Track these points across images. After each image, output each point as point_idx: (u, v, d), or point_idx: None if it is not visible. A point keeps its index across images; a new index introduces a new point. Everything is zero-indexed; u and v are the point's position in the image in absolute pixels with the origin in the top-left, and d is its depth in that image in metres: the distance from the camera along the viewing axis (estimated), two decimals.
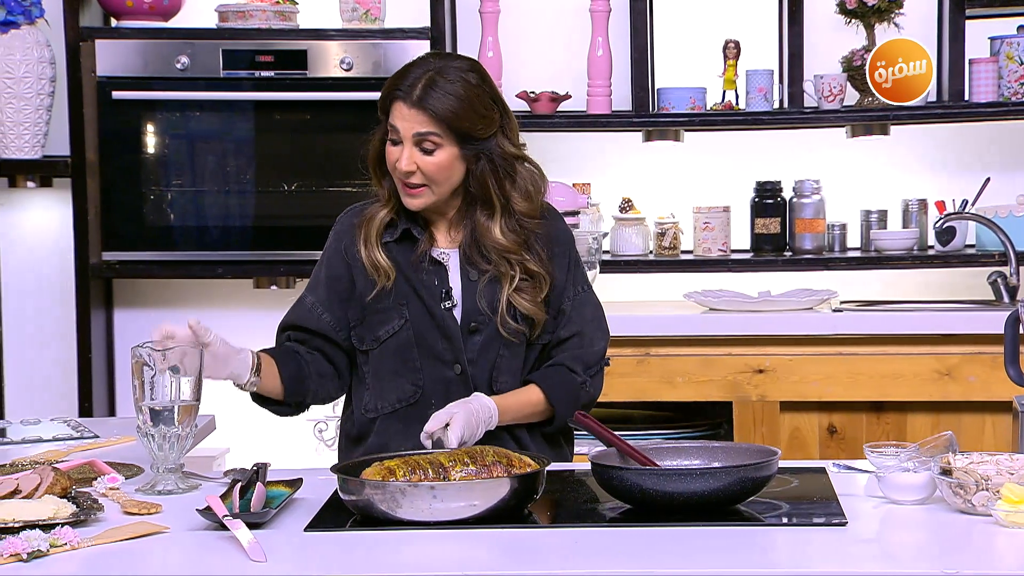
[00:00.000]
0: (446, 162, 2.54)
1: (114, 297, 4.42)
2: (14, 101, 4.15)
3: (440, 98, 2.51)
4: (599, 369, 2.68)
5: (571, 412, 2.58)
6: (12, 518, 2.10)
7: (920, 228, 4.28)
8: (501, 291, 2.59)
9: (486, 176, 2.56)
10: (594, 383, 2.67)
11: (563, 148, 4.36)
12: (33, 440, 2.84)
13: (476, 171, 2.56)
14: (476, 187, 2.57)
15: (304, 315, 2.64)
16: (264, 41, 4.15)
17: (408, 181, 2.55)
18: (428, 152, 2.53)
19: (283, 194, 4.17)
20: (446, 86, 2.52)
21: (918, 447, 2.36)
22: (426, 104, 2.51)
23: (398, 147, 2.55)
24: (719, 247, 4.27)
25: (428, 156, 2.53)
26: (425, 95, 2.51)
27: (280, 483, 2.31)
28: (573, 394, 2.63)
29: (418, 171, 2.54)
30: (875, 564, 2.02)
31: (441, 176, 2.55)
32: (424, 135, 2.52)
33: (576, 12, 4.33)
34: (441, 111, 2.51)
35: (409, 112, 2.52)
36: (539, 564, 2.03)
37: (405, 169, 2.54)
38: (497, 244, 2.58)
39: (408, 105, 2.52)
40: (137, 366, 2.34)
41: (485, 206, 2.58)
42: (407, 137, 2.53)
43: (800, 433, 3.89)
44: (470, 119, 2.53)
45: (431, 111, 2.51)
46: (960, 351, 3.84)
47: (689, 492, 2.17)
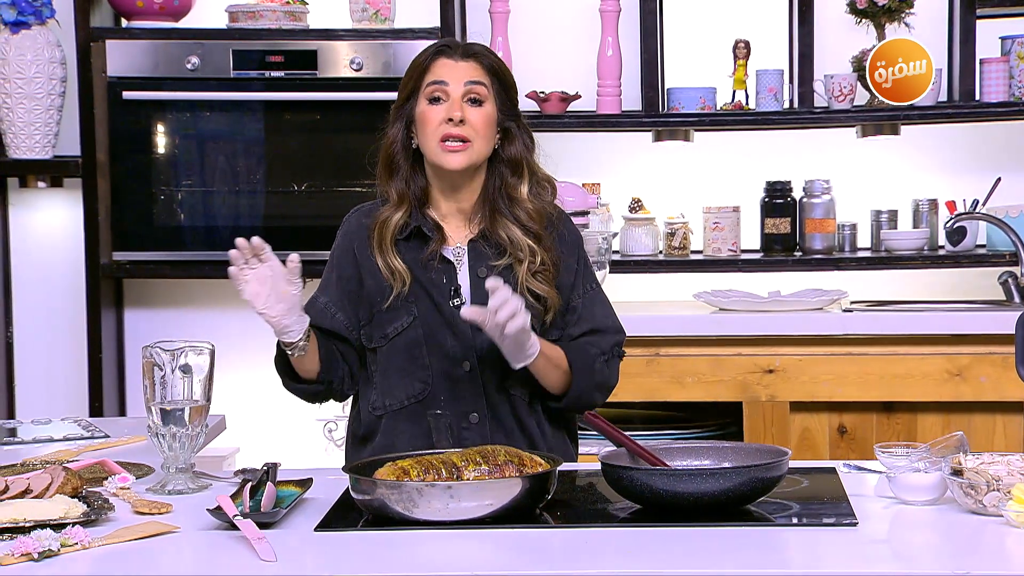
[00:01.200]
0: (491, 116, 2.61)
1: (124, 297, 4.43)
2: (25, 101, 4.16)
3: (486, 52, 2.64)
4: (613, 356, 2.68)
5: (585, 385, 2.60)
6: (23, 517, 2.11)
7: (931, 228, 4.28)
8: (518, 275, 2.60)
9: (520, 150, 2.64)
10: (609, 368, 2.67)
11: (573, 148, 4.36)
12: (44, 440, 2.84)
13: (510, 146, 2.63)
14: (509, 161, 2.63)
15: (318, 315, 2.64)
16: (274, 41, 4.16)
17: (453, 132, 2.57)
18: (477, 103, 2.59)
19: (293, 194, 4.18)
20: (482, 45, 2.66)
21: (929, 447, 2.36)
22: (473, 52, 2.62)
23: (440, 104, 2.59)
24: (729, 247, 4.27)
25: (477, 107, 2.59)
26: (470, 48, 2.63)
27: (290, 483, 2.31)
28: (589, 365, 2.63)
29: (465, 124, 2.57)
30: (886, 565, 2.02)
31: (486, 130, 2.60)
32: (474, 83, 2.59)
33: (586, 12, 4.33)
34: (491, 61, 2.63)
35: (458, 64, 2.60)
36: (550, 564, 2.03)
37: (458, 115, 2.57)
38: (525, 207, 2.61)
39: (457, 57, 2.61)
40: (148, 366, 2.34)
41: (515, 172, 2.64)
42: (457, 87, 2.58)
43: (810, 433, 3.88)
44: (510, 78, 2.65)
45: (481, 60, 2.62)
46: (971, 351, 3.83)
47: (699, 492, 2.17)
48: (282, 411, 4.21)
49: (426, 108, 2.59)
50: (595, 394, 2.65)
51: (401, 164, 2.64)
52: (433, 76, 2.59)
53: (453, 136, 2.57)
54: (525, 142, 2.65)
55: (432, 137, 2.59)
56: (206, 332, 3.89)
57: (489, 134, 2.60)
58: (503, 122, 2.63)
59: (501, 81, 2.62)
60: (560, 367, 2.61)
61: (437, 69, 2.60)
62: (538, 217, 2.62)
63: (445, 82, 2.58)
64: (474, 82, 2.59)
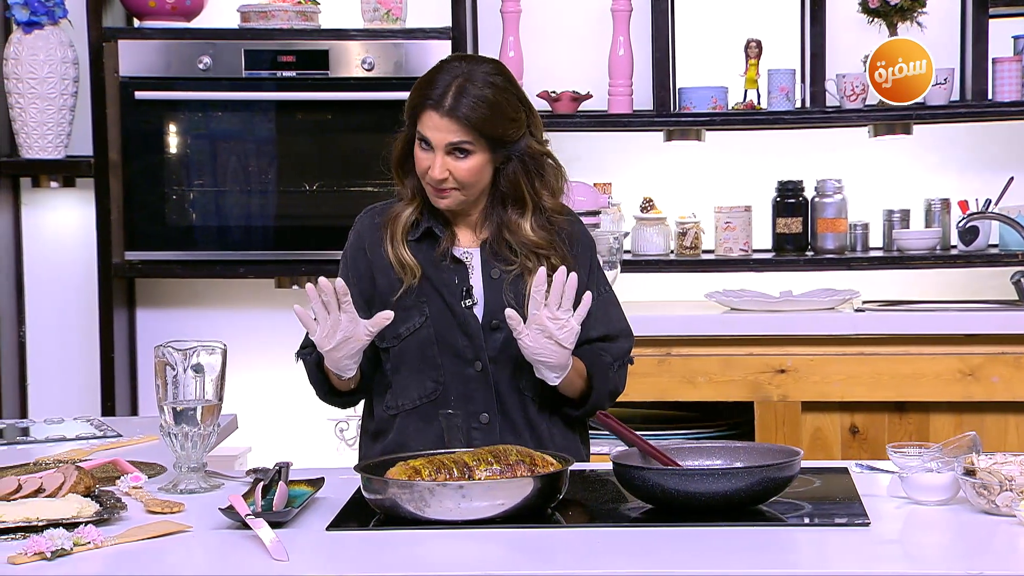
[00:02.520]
0: (477, 167, 2.56)
1: (136, 296, 4.44)
2: (38, 101, 4.17)
3: (472, 106, 2.52)
4: (623, 364, 2.69)
5: (602, 393, 2.61)
6: (36, 517, 2.11)
7: (943, 228, 4.27)
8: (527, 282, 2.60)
9: (518, 176, 2.59)
10: (619, 374, 2.68)
11: (584, 148, 4.36)
12: (56, 439, 2.85)
13: (507, 172, 2.59)
14: (507, 186, 2.59)
15: None
16: (286, 41, 4.16)
17: (437, 187, 2.57)
18: (462, 156, 2.55)
19: (305, 194, 4.18)
20: (476, 92, 2.53)
21: (941, 447, 2.35)
22: (458, 113, 2.52)
23: (428, 154, 2.56)
24: (740, 247, 4.26)
25: (460, 162, 2.55)
26: (456, 104, 2.52)
27: (302, 482, 2.32)
28: (605, 373, 2.63)
29: (450, 177, 2.55)
30: (898, 565, 2.02)
31: (472, 180, 2.57)
32: (457, 144, 2.54)
33: (597, 12, 4.33)
34: (473, 119, 2.52)
35: (441, 122, 2.53)
36: (562, 564, 2.03)
37: (438, 177, 2.55)
38: (528, 241, 2.60)
39: (440, 114, 2.53)
40: (160, 365, 2.34)
41: (516, 204, 2.61)
42: (439, 147, 2.54)
43: (822, 433, 3.88)
44: (501, 124, 2.55)
45: (463, 120, 2.52)
46: (983, 351, 3.82)
47: (711, 492, 2.17)
48: (294, 411, 4.22)
49: (418, 150, 2.58)
50: (606, 401, 2.67)
51: (411, 163, 2.64)
52: (421, 127, 2.55)
53: (439, 189, 2.57)
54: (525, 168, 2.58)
55: (423, 179, 2.59)
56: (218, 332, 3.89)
57: (477, 180, 2.57)
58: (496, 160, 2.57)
59: (488, 133, 2.53)
60: (582, 375, 2.62)
61: (425, 121, 2.54)
62: (546, 245, 2.61)
63: (429, 139, 2.55)
64: (456, 143, 2.53)
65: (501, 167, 2.59)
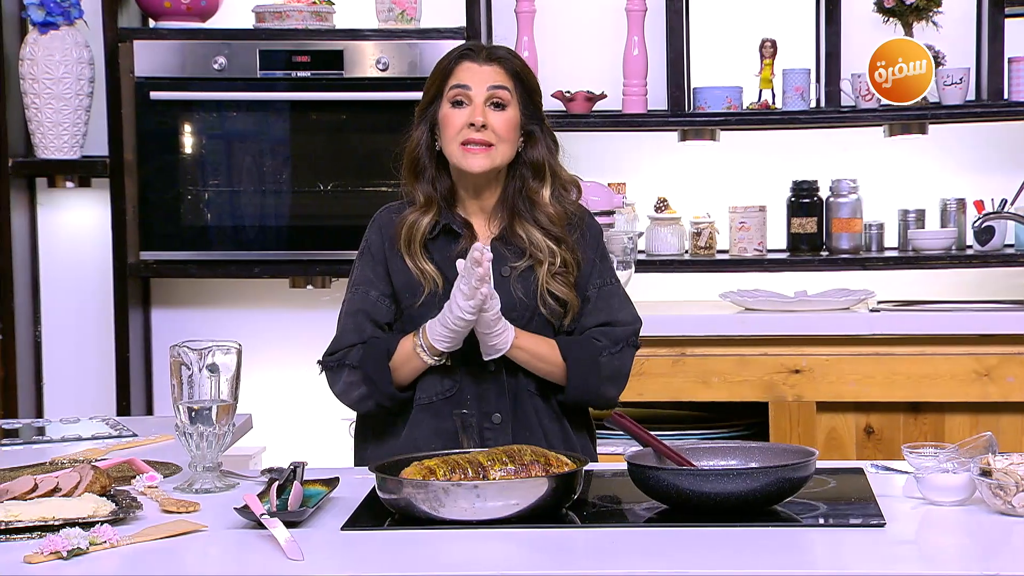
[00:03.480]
0: (514, 120, 2.62)
1: (151, 296, 4.45)
2: (53, 102, 4.18)
3: (510, 56, 2.65)
4: (627, 346, 2.68)
5: (587, 379, 2.60)
6: (52, 516, 2.12)
7: (958, 227, 4.26)
8: (538, 276, 2.61)
9: (543, 153, 2.65)
10: (620, 358, 2.66)
11: (598, 148, 4.36)
12: (72, 438, 2.86)
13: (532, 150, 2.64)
14: (531, 164, 2.63)
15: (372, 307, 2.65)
16: (300, 41, 4.16)
17: (475, 137, 2.58)
18: (500, 107, 2.60)
19: (319, 194, 4.18)
20: (508, 50, 2.67)
21: (957, 448, 2.35)
22: (497, 56, 2.63)
23: (463, 108, 2.60)
24: (755, 247, 4.26)
25: (499, 111, 2.60)
26: (494, 52, 2.64)
27: (317, 482, 2.32)
28: (592, 358, 2.62)
29: (487, 128, 2.57)
30: (914, 566, 2.01)
31: (508, 134, 2.61)
32: (498, 87, 2.60)
33: (612, 11, 4.32)
34: (514, 65, 2.63)
35: (481, 68, 2.61)
36: (576, 564, 2.03)
37: (480, 120, 2.57)
38: (546, 211, 2.62)
39: (480, 61, 2.62)
40: (175, 365, 2.35)
41: (536, 176, 2.65)
42: (480, 91, 2.59)
43: (837, 434, 3.87)
44: (533, 82, 2.66)
45: (504, 64, 2.62)
46: (999, 351, 3.81)
47: (726, 492, 2.17)
48: (308, 410, 4.22)
49: (449, 111, 2.60)
50: (604, 387, 2.64)
51: (426, 166, 2.65)
52: (456, 80, 2.60)
53: (475, 141, 2.58)
54: (548, 145, 2.66)
55: (454, 140, 2.59)
56: (233, 331, 3.90)
57: (511, 138, 2.61)
58: (526, 125, 2.64)
59: (524, 85, 2.63)
60: (548, 361, 2.61)
61: (460, 73, 2.61)
62: (559, 220, 2.63)
63: (468, 86, 2.59)
64: (497, 86, 2.60)
65: (523, 148, 2.64)
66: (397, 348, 2.60)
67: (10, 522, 2.10)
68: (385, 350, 2.60)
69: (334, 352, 2.65)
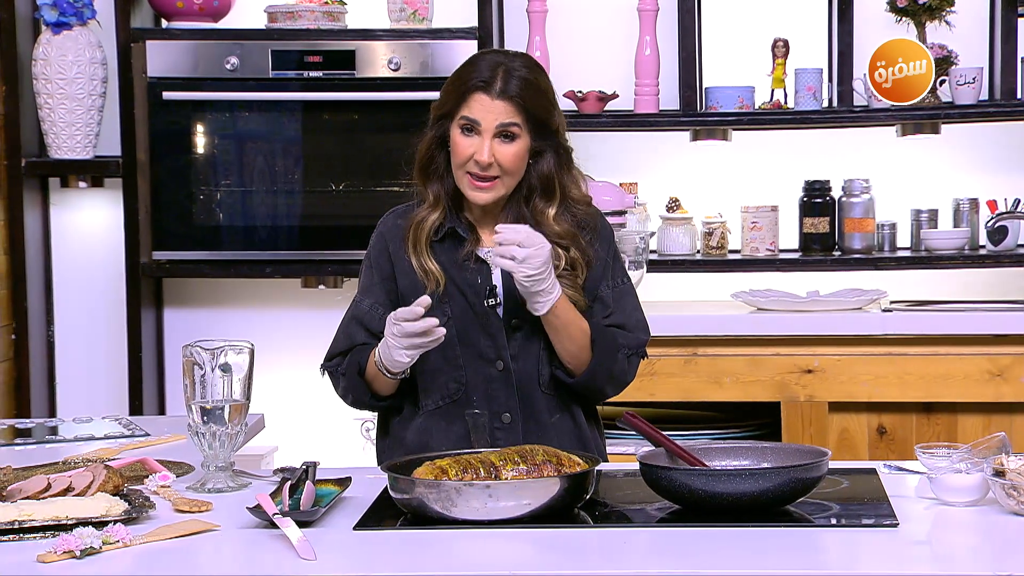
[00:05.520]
0: (522, 152, 2.58)
1: (164, 296, 4.45)
2: (66, 102, 4.19)
3: (521, 87, 2.56)
4: (635, 354, 2.67)
5: (604, 368, 2.59)
6: (65, 515, 2.12)
7: (971, 227, 4.25)
8: None
9: (552, 167, 2.60)
10: (630, 364, 2.66)
11: (610, 147, 4.35)
12: (85, 438, 2.86)
13: (542, 163, 2.60)
14: (539, 178, 2.60)
15: (365, 317, 2.65)
16: (312, 41, 4.17)
17: (482, 173, 2.57)
18: (508, 140, 2.56)
19: (331, 194, 4.19)
20: (522, 75, 2.56)
21: (970, 448, 2.34)
22: (509, 93, 2.55)
23: (472, 139, 2.56)
24: (767, 247, 4.25)
25: (506, 146, 2.56)
26: (507, 85, 2.55)
27: (329, 482, 2.32)
28: (613, 351, 2.61)
29: (495, 164, 2.56)
30: (927, 566, 2.01)
31: (516, 167, 2.58)
32: (507, 125, 2.55)
33: (624, 11, 4.32)
34: (525, 100, 2.55)
35: (492, 103, 2.55)
36: (588, 564, 2.03)
37: (486, 160, 2.55)
38: (551, 231, 2.59)
39: (491, 96, 2.55)
40: (188, 365, 2.35)
41: (544, 195, 2.61)
42: (489, 128, 2.55)
43: (849, 434, 3.87)
44: (545, 108, 2.59)
45: (516, 101, 2.55)
46: (1012, 352, 3.80)
47: (738, 493, 2.16)
48: (321, 410, 4.22)
49: (458, 137, 2.58)
50: (608, 385, 2.64)
51: (437, 166, 2.65)
52: (468, 111, 2.56)
53: (480, 176, 2.57)
54: (559, 161, 2.61)
55: (461, 167, 2.58)
56: (245, 331, 3.91)
57: (520, 167, 2.59)
58: (535, 146, 2.60)
59: (536, 115, 2.57)
60: (576, 341, 2.59)
61: (472, 105, 2.55)
62: (566, 235, 2.61)
63: (478, 121, 2.55)
64: (506, 124, 2.55)
65: (532, 162, 2.60)
66: (367, 362, 2.59)
67: (23, 521, 2.10)
68: (356, 363, 2.61)
69: (330, 358, 2.68)
